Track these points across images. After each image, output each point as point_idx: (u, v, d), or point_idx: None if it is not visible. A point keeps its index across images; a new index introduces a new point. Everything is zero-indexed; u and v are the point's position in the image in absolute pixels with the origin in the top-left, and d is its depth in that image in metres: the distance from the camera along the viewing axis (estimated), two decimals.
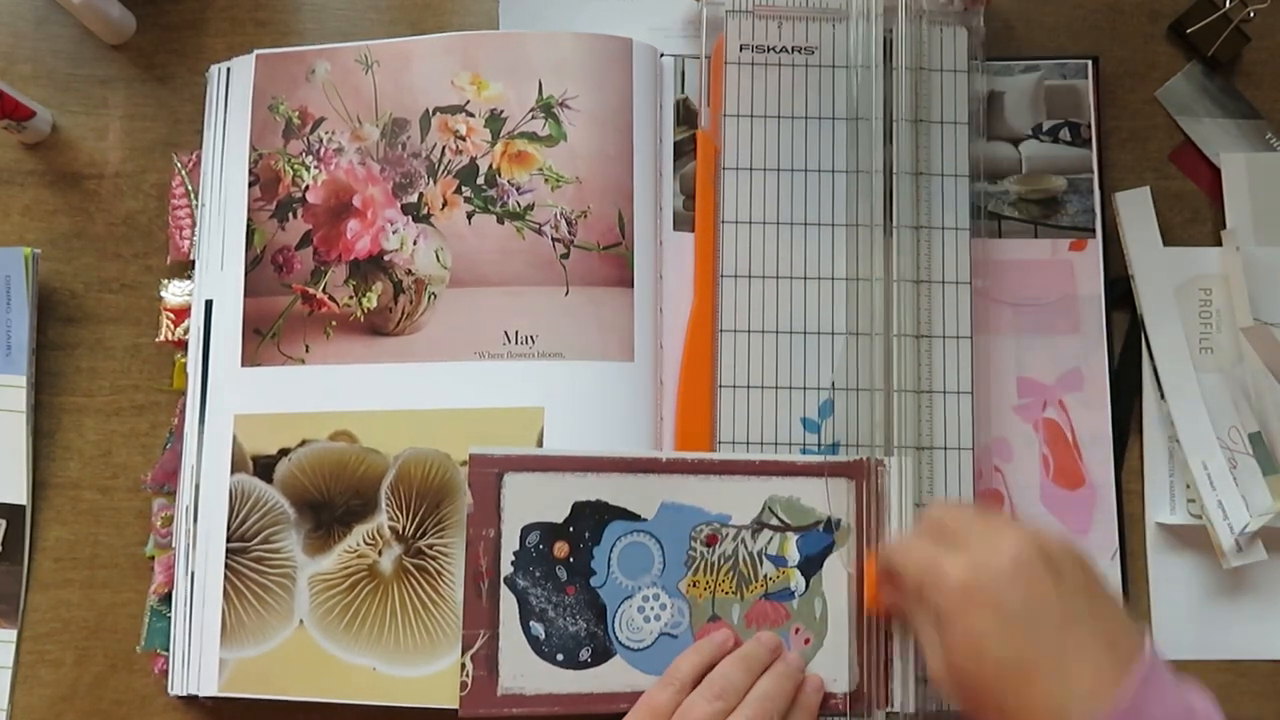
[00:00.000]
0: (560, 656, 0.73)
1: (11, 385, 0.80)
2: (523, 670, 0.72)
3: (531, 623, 0.73)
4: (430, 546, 0.75)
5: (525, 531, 0.74)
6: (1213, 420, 0.79)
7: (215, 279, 0.80)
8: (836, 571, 0.75)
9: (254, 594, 0.75)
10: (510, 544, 0.73)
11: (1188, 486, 0.79)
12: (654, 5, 0.85)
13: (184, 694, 0.75)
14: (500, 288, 0.77)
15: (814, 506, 0.75)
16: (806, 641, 0.74)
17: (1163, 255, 0.81)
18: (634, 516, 0.74)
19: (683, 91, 0.82)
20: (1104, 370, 0.80)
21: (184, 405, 0.79)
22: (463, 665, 0.72)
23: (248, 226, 0.80)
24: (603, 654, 0.73)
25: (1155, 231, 0.81)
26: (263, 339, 0.78)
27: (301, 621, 0.74)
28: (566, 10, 0.85)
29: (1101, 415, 0.80)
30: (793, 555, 0.75)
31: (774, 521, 0.75)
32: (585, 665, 0.73)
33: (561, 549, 0.74)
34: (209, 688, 0.74)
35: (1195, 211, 0.84)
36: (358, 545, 0.75)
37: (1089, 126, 0.82)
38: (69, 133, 0.85)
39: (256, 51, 0.82)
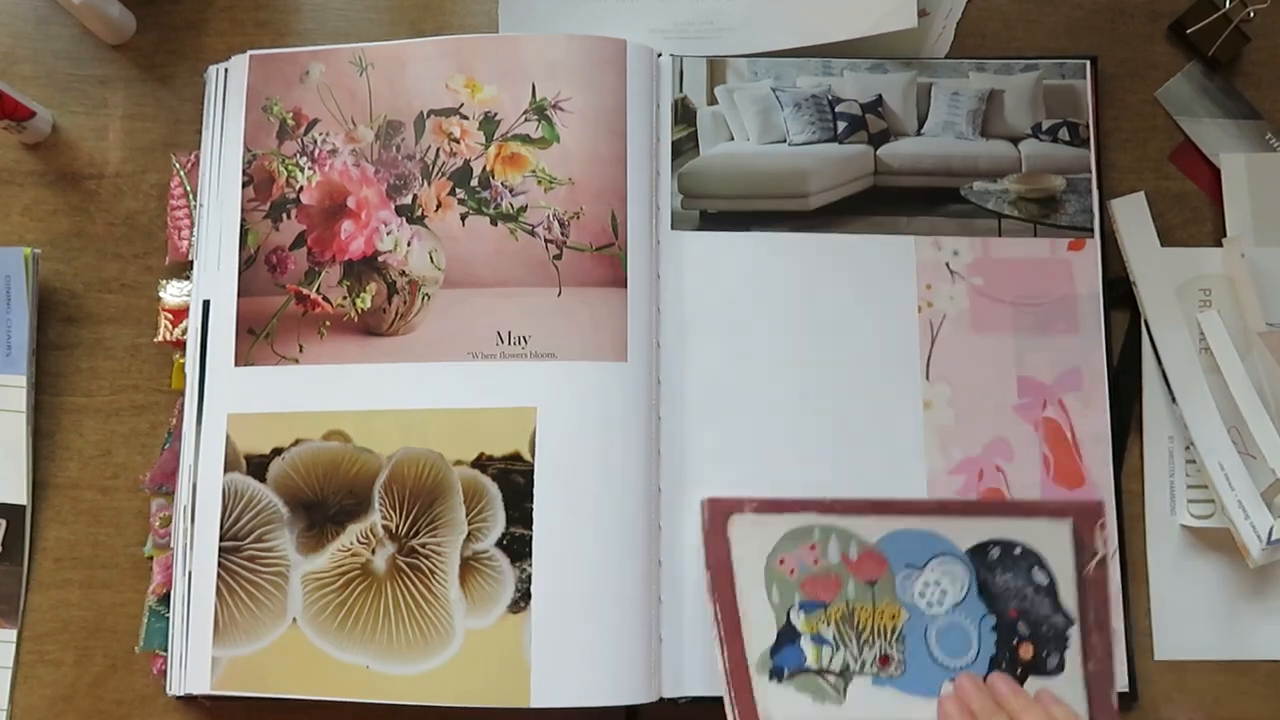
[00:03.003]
0: None
1: (11, 385, 0.80)
2: None
3: None
4: (423, 545, 0.75)
5: None
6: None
7: (212, 279, 0.80)
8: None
9: (247, 592, 0.75)
10: None
11: (1188, 488, 0.79)
12: (654, 6, 0.85)
13: (182, 694, 0.75)
14: (493, 289, 0.77)
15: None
16: None
17: (1163, 259, 0.81)
18: None
19: (681, 90, 0.82)
20: (1103, 370, 0.80)
21: (183, 406, 0.79)
22: None
23: (241, 226, 0.80)
24: None
25: (1154, 237, 0.81)
26: (256, 338, 0.78)
27: (295, 620, 0.75)
28: (566, 11, 0.85)
29: (1101, 415, 0.79)
30: None
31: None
32: None
33: None
34: (201, 685, 0.74)
35: (1195, 212, 0.84)
36: (351, 544, 0.75)
37: (1087, 127, 0.82)
38: (69, 133, 0.85)
39: (250, 52, 0.82)
